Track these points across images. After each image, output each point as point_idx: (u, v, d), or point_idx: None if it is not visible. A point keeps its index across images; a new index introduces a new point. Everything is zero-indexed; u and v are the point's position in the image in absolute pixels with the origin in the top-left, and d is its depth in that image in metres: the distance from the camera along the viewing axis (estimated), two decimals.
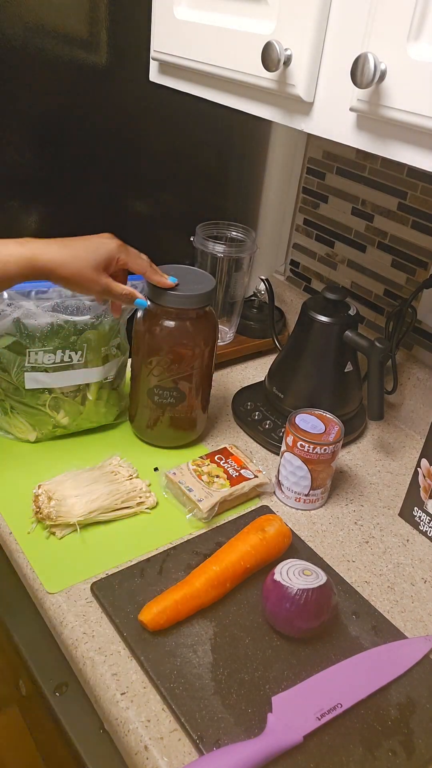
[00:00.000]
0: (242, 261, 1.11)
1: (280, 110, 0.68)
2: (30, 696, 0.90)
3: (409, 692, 0.66)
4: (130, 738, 0.61)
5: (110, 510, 0.81)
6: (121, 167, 1.04)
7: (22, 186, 0.96)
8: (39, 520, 0.79)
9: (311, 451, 0.83)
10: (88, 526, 0.81)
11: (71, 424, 0.94)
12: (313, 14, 0.59)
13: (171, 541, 0.81)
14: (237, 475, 0.87)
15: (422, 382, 1.05)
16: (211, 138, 1.12)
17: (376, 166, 1.05)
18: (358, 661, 0.68)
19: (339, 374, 0.97)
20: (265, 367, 1.21)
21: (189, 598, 0.70)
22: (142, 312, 0.88)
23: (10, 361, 0.87)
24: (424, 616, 0.76)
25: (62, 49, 0.90)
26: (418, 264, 1.04)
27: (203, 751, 0.59)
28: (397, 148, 0.57)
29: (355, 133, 0.60)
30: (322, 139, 0.85)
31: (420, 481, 0.85)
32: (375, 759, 0.60)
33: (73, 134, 0.97)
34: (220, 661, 0.67)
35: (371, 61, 0.52)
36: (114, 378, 0.95)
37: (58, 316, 0.88)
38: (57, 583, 0.74)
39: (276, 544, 0.76)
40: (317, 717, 0.62)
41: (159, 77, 0.86)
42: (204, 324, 0.88)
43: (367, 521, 0.89)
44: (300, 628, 0.68)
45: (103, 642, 0.68)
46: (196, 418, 0.95)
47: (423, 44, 0.52)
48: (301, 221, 1.23)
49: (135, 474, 0.87)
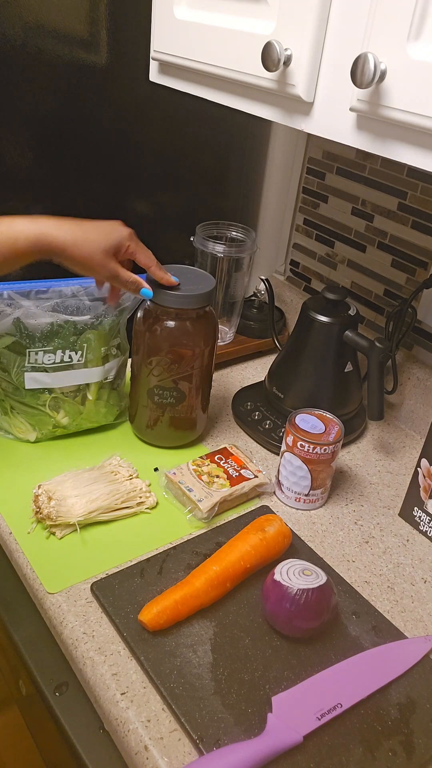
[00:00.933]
0: (242, 261, 1.11)
1: (280, 110, 0.68)
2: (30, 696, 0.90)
3: (409, 692, 0.66)
4: (130, 738, 0.61)
5: (110, 510, 0.81)
6: (121, 167, 1.04)
7: (22, 186, 0.96)
8: (39, 520, 0.79)
9: (311, 451, 0.83)
10: (88, 526, 0.81)
11: (71, 424, 0.94)
12: (313, 14, 0.59)
13: (171, 541, 0.81)
14: (237, 475, 0.87)
15: (422, 382, 1.05)
16: (211, 138, 1.12)
17: (376, 166, 1.05)
18: (358, 661, 0.68)
19: (339, 374, 0.97)
20: (265, 367, 1.21)
21: (189, 598, 0.70)
22: (142, 312, 0.88)
23: (10, 361, 0.87)
24: (424, 616, 0.76)
25: (62, 49, 0.90)
26: (418, 264, 1.04)
27: (203, 751, 0.59)
28: (397, 148, 0.57)
29: (355, 133, 0.60)
30: (322, 139, 0.85)
31: (420, 481, 0.85)
32: (375, 759, 0.60)
33: (73, 134, 0.97)
34: (220, 661, 0.67)
35: (371, 61, 0.52)
36: (114, 378, 0.95)
37: (58, 316, 0.88)
38: (57, 583, 0.74)
39: (276, 544, 0.76)
40: (317, 717, 0.62)
41: (159, 77, 0.86)
42: (204, 324, 0.88)
43: (367, 521, 0.89)
44: (300, 628, 0.68)
45: (103, 642, 0.68)
46: (196, 418, 0.95)
47: (423, 44, 0.52)
48: (301, 221, 1.23)
49: (135, 474, 0.87)
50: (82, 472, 0.86)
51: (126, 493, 0.83)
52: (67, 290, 0.90)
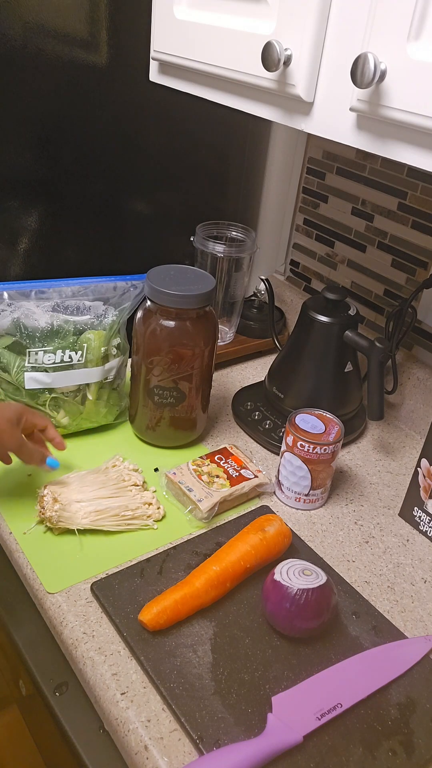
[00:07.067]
0: (242, 261, 1.11)
1: (280, 110, 0.68)
2: (30, 696, 0.90)
3: (409, 692, 0.66)
4: (130, 738, 0.61)
5: (115, 524, 0.81)
6: (121, 167, 1.04)
7: (22, 186, 0.96)
8: (42, 521, 0.79)
9: (311, 451, 0.83)
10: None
11: (71, 424, 0.94)
12: (313, 14, 0.59)
13: (171, 541, 0.81)
14: (237, 475, 0.87)
15: (422, 382, 1.05)
16: (211, 138, 1.12)
17: (376, 166, 1.05)
18: (358, 661, 0.68)
19: (339, 374, 0.97)
20: (265, 367, 1.21)
21: (189, 598, 0.70)
22: (142, 312, 0.88)
23: (10, 361, 0.87)
24: (424, 616, 0.76)
25: (62, 49, 0.90)
26: (418, 264, 1.04)
27: (203, 751, 0.59)
28: (397, 148, 0.57)
29: (355, 133, 0.60)
30: (322, 139, 0.85)
31: (420, 481, 0.85)
32: (375, 759, 0.60)
33: (73, 134, 0.97)
34: (220, 661, 0.67)
35: (371, 61, 0.52)
36: (114, 378, 0.95)
37: (58, 316, 0.88)
38: (57, 583, 0.74)
39: (276, 544, 0.76)
40: (317, 717, 0.62)
41: (159, 77, 0.86)
42: (204, 324, 0.88)
43: (367, 521, 0.89)
44: (300, 628, 0.68)
45: (103, 642, 0.68)
46: (196, 418, 0.95)
47: (423, 44, 0.52)
48: (301, 221, 1.23)
49: (142, 481, 0.86)
50: (86, 474, 0.85)
51: (134, 509, 0.82)
52: (67, 290, 0.90)
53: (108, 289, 0.92)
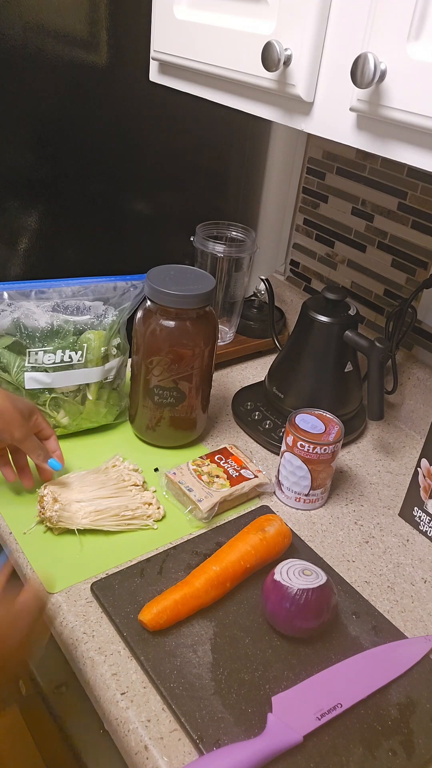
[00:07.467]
0: (242, 261, 1.11)
1: (280, 110, 0.68)
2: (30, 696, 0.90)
3: (409, 692, 0.66)
4: (130, 738, 0.61)
5: (115, 524, 0.81)
6: (121, 167, 1.04)
7: (22, 186, 0.96)
8: (42, 521, 0.79)
9: (311, 451, 0.83)
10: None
11: (71, 424, 0.94)
12: (313, 14, 0.59)
13: (171, 541, 0.81)
14: (237, 475, 0.87)
15: (422, 382, 1.05)
16: (211, 138, 1.12)
17: (376, 166, 1.05)
18: (358, 661, 0.68)
19: (339, 374, 0.97)
20: (265, 367, 1.21)
21: (189, 598, 0.70)
22: (142, 312, 0.88)
23: (10, 361, 0.87)
24: (424, 616, 0.76)
25: (62, 49, 0.90)
26: (418, 264, 1.04)
27: (203, 751, 0.59)
28: (397, 148, 0.57)
29: (355, 133, 0.60)
30: (322, 139, 0.85)
31: (420, 481, 0.85)
32: (375, 759, 0.60)
33: (73, 134, 0.97)
34: (220, 661, 0.67)
35: (371, 61, 0.52)
36: (114, 378, 0.95)
37: (58, 316, 0.88)
38: (57, 583, 0.74)
39: (276, 544, 0.76)
40: (317, 717, 0.62)
41: (159, 77, 0.86)
42: (204, 324, 0.88)
43: (367, 521, 0.89)
44: (300, 628, 0.68)
45: (103, 642, 0.68)
46: (196, 418, 0.95)
47: (423, 44, 0.52)
48: (301, 221, 1.23)
49: (142, 481, 0.86)
50: (86, 474, 0.85)
51: (134, 509, 0.82)
52: (67, 290, 0.90)
53: (108, 289, 0.92)
